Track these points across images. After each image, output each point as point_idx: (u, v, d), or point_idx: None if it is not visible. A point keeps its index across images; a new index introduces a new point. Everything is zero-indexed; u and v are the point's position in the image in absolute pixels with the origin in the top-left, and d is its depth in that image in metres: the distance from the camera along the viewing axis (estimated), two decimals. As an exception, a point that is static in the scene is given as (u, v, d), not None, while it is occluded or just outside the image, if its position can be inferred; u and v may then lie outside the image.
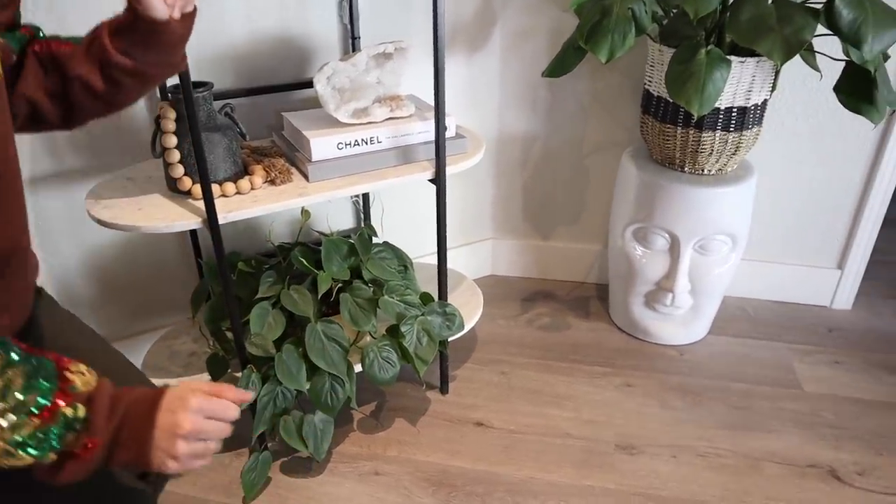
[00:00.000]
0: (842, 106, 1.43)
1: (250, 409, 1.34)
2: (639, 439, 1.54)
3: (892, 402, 1.65)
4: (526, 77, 1.85)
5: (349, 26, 1.55)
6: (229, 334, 1.40)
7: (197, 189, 1.22)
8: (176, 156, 1.20)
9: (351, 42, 1.57)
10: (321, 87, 1.33)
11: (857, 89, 1.39)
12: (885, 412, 1.62)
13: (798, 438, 1.54)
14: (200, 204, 1.18)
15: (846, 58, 1.39)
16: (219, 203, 1.21)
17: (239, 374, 1.33)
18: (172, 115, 1.19)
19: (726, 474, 1.45)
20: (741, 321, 1.97)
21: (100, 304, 1.58)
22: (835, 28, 1.25)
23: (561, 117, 1.89)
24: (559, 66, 1.57)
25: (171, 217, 1.17)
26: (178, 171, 1.21)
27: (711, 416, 1.61)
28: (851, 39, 1.24)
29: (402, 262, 1.56)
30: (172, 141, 1.19)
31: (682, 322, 1.83)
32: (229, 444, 1.51)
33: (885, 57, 1.41)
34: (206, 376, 1.42)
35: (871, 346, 1.86)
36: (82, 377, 0.70)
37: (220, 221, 1.18)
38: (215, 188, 1.23)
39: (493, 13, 1.76)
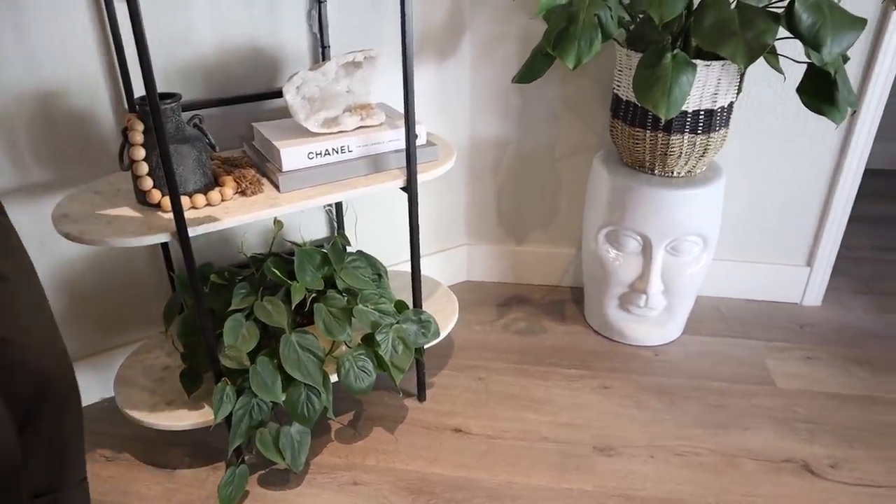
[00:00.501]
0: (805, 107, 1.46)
1: (226, 423, 1.33)
2: (616, 440, 1.55)
3: (863, 395, 1.68)
4: (496, 83, 1.86)
5: (319, 35, 1.55)
6: (203, 347, 1.39)
7: (166, 201, 1.21)
8: (144, 168, 1.19)
9: (321, 51, 1.57)
10: (290, 96, 1.32)
11: (818, 91, 1.42)
12: (856, 405, 1.65)
13: (773, 434, 1.56)
14: (170, 217, 1.18)
15: (808, 60, 1.41)
16: (189, 215, 1.21)
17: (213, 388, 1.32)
18: (140, 126, 1.18)
19: (703, 472, 1.47)
20: (714, 320, 1.99)
21: (71, 319, 1.56)
22: (795, 31, 1.27)
23: (532, 123, 1.91)
24: (528, 73, 1.58)
25: (141, 231, 1.16)
26: (147, 183, 1.20)
27: (687, 416, 1.63)
28: (811, 42, 1.26)
29: (377, 271, 1.56)
30: (140, 153, 1.18)
31: (656, 323, 1.85)
32: (206, 459, 1.50)
33: (845, 59, 1.44)
34: (180, 390, 1.41)
35: (842, 340, 1.89)
36: None
37: (191, 234, 1.17)
38: (185, 200, 1.22)
39: (463, 21, 1.77)
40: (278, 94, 1.52)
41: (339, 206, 1.75)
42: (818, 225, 1.94)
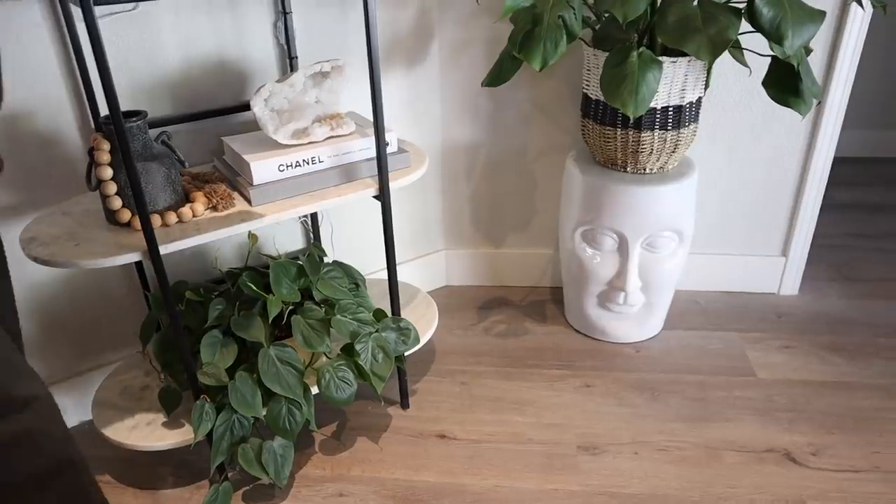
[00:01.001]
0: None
1: (207, 440, 1.32)
2: (600, 439, 1.56)
3: (841, 382, 1.70)
4: (467, 87, 1.86)
5: (286, 46, 1.55)
6: (181, 365, 1.38)
7: (137, 220, 1.19)
8: (112, 188, 1.18)
9: (289, 62, 1.57)
10: (259, 109, 1.32)
11: (783, 83, 1.43)
12: (834, 392, 1.67)
13: (754, 425, 1.58)
14: (140, 236, 1.16)
15: (772, 53, 1.43)
16: (160, 233, 1.19)
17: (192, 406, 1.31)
18: (106, 146, 1.16)
19: (687, 466, 1.47)
20: (693, 314, 2.01)
21: (45, 343, 1.54)
22: (757, 26, 1.29)
23: (504, 125, 1.91)
24: (497, 76, 1.58)
25: (111, 251, 1.15)
26: (116, 203, 1.19)
27: (670, 410, 1.64)
28: (773, 36, 1.28)
29: (354, 280, 1.56)
30: (108, 173, 1.16)
31: (636, 319, 1.86)
32: (189, 477, 1.48)
33: (808, 51, 1.46)
34: (159, 409, 1.39)
35: (819, 328, 1.91)
36: None
37: (162, 252, 1.16)
38: (156, 218, 1.21)
39: (430, 26, 1.77)
40: (247, 107, 1.52)
41: (314, 216, 1.74)
42: (791, 215, 1.97)
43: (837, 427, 1.56)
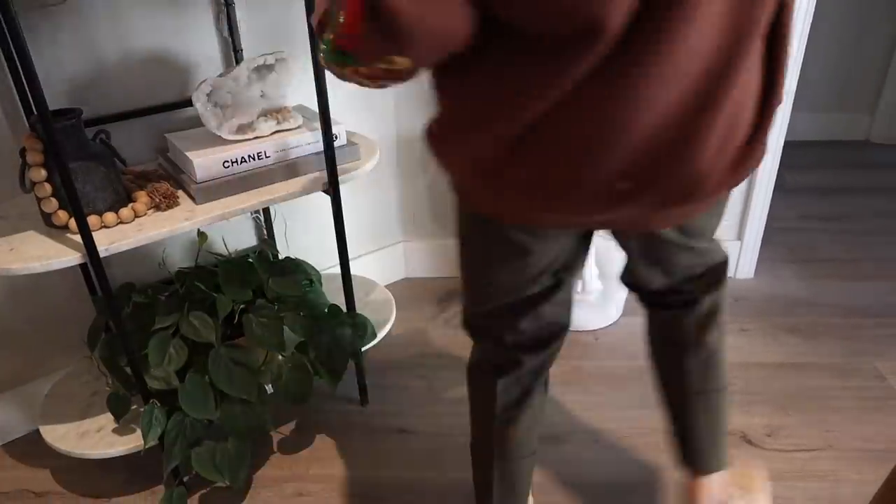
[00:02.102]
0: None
1: (160, 445, 1.29)
2: (561, 428, 1.56)
3: (796, 363, 1.72)
4: (419, 77, 1.83)
5: (230, 39, 1.51)
6: (129, 370, 1.34)
7: (74, 222, 1.15)
8: (47, 189, 1.13)
9: (234, 55, 1.53)
10: (200, 105, 1.28)
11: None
12: (790, 373, 1.69)
13: (712, 408, 1.59)
14: (79, 238, 1.12)
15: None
16: (100, 234, 1.16)
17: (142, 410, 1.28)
18: (39, 146, 1.12)
19: (648, 452, 1.48)
20: (652, 300, 2.01)
21: (-12, 352, 1.49)
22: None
23: (458, 115, 1.89)
24: (448, 65, 1.56)
25: (48, 255, 1.11)
26: (52, 205, 1.15)
27: (630, 397, 1.64)
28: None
29: (308, 276, 1.53)
30: (41, 174, 1.12)
31: (594, 307, 1.86)
32: (143, 483, 1.45)
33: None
34: (109, 416, 1.36)
35: (775, 310, 1.94)
36: None
37: (102, 254, 1.12)
38: (95, 219, 1.17)
39: (380, 16, 1.74)
40: (191, 102, 1.47)
41: (266, 213, 1.71)
42: (745, 199, 1.98)
43: (792, 408, 1.58)
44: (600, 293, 1.81)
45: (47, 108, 0.98)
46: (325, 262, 1.94)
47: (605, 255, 1.72)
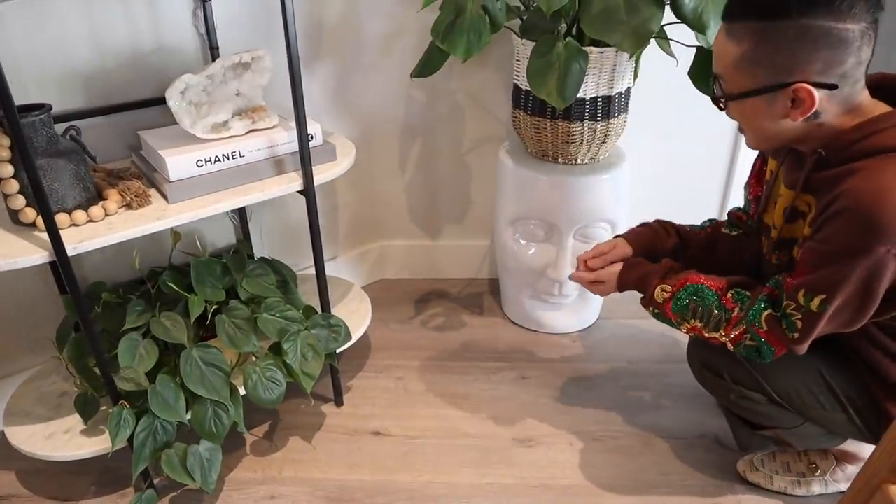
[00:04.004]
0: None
1: (130, 446, 1.27)
2: (536, 431, 1.56)
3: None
4: (397, 78, 1.83)
5: (206, 36, 1.49)
6: (98, 370, 1.32)
7: (42, 220, 1.13)
8: (14, 186, 1.11)
9: (210, 53, 1.51)
10: (174, 102, 1.27)
11: (708, 73, 1.45)
12: (763, 377, 1.70)
13: (686, 411, 1.60)
14: (46, 236, 1.10)
15: (697, 44, 1.44)
16: (69, 233, 1.14)
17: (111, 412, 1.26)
18: (6, 141, 1.10)
19: (621, 455, 1.49)
20: (628, 303, 1.99)
21: (-47, 352, 1.46)
22: (680, 15, 1.29)
23: (437, 116, 1.89)
24: (426, 67, 1.56)
25: (14, 253, 1.09)
26: (19, 202, 1.13)
27: (604, 400, 1.65)
28: (696, 26, 1.28)
29: (282, 277, 1.52)
30: (8, 170, 1.10)
31: (572, 310, 1.86)
32: (113, 486, 1.43)
33: (732, 40, 1.47)
34: (78, 417, 1.33)
35: (749, 315, 1.95)
36: None
37: (70, 253, 1.10)
38: (64, 217, 1.14)
39: (357, 14, 1.73)
40: (164, 100, 1.45)
41: (242, 212, 1.69)
42: (722, 202, 2.00)
43: (765, 411, 1.59)
44: (578, 296, 1.81)
45: (13, 102, 0.96)
46: (300, 262, 1.92)
47: (582, 258, 1.72)
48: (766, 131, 1.03)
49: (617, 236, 1.40)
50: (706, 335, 1.14)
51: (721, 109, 1.07)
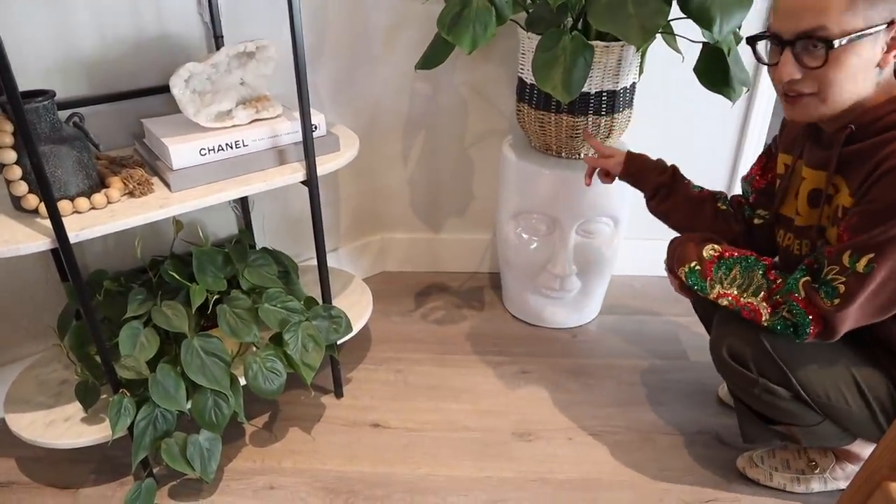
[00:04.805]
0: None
1: (130, 435, 1.27)
2: (535, 425, 1.56)
3: (770, 365, 1.73)
4: (402, 70, 1.82)
5: (210, 25, 1.49)
6: (99, 358, 1.32)
7: (44, 207, 1.13)
8: (17, 172, 1.11)
9: (214, 41, 1.50)
10: (178, 90, 1.26)
11: (713, 70, 1.44)
12: (763, 375, 1.70)
13: (685, 408, 1.60)
14: (48, 223, 1.10)
15: (703, 40, 1.43)
16: (71, 220, 1.13)
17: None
18: (9, 127, 1.09)
19: (620, 451, 1.49)
20: (629, 298, 2.02)
21: (-46, 338, 1.46)
22: (687, 11, 1.29)
23: (441, 109, 1.88)
24: (431, 58, 1.55)
25: (17, 239, 1.08)
26: (22, 188, 1.12)
27: (604, 395, 1.65)
28: (703, 21, 1.27)
29: (284, 268, 1.52)
30: (11, 156, 1.10)
31: (573, 305, 1.86)
32: (112, 474, 1.43)
33: (738, 38, 1.46)
34: (78, 405, 1.33)
35: (750, 312, 1.95)
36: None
37: (73, 240, 1.10)
38: (67, 204, 1.14)
39: (364, 6, 1.73)
40: (168, 88, 1.45)
41: (244, 202, 1.69)
42: (725, 199, 1.99)
43: (765, 408, 1.59)
44: (578, 291, 1.81)
45: (16, 88, 0.96)
46: (302, 253, 1.92)
47: (584, 253, 1.72)
48: (844, 90, 1.00)
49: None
50: (742, 301, 1.13)
51: (814, 68, 1.00)
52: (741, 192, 1.42)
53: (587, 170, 1.51)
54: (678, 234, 1.32)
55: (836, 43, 0.96)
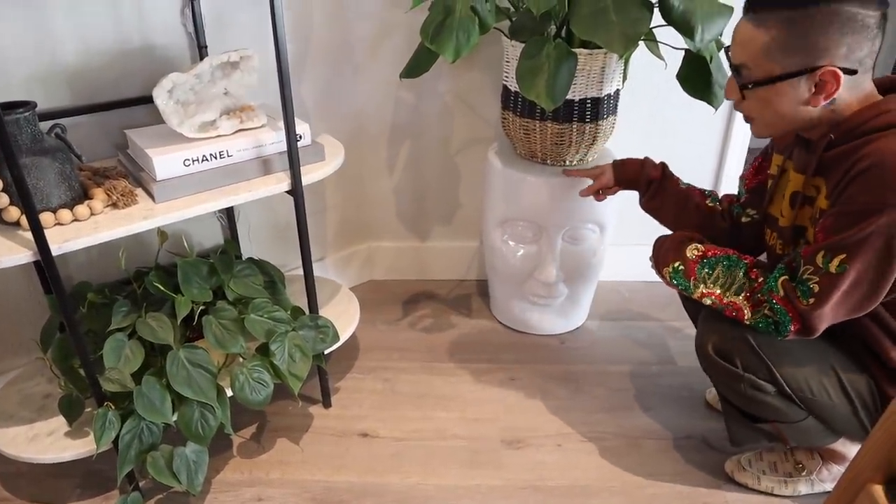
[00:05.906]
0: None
1: (115, 449, 1.26)
2: (524, 432, 1.56)
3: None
4: (386, 78, 1.83)
5: (194, 35, 1.48)
6: (83, 371, 1.31)
7: (26, 219, 1.12)
8: (-2, 184, 1.10)
9: (199, 51, 1.50)
10: (161, 101, 1.26)
11: (696, 77, 1.45)
12: (750, 379, 1.71)
13: (673, 413, 1.60)
14: (30, 235, 1.09)
15: (685, 47, 1.45)
16: (54, 232, 1.12)
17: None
18: (-10, 140, 1.08)
19: (608, 456, 1.49)
20: (616, 304, 2.03)
21: (-65, 352, 1.44)
22: (669, 19, 1.30)
23: (426, 117, 1.89)
24: (415, 67, 1.55)
25: (-2, 252, 1.07)
26: (3, 200, 1.11)
27: (593, 401, 1.65)
28: (684, 29, 1.29)
29: (270, 278, 1.51)
30: (-8, 169, 1.09)
31: (560, 311, 1.86)
32: (98, 488, 1.41)
33: (720, 45, 1.48)
34: (62, 419, 1.32)
35: (736, 316, 1.96)
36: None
37: (55, 253, 1.09)
38: (48, 216, 1.13)
39: (347, 16, 1.73)
40: (152, 98, 1.44)
41: (229, 212, 1.68)
42: (709, 205, 2.00)
43: (752, 412, 1.60)
44: (566, 297, 1.81)
45: (-2, 100, 0.95)
46: (288, 263, 1.92)
47: (570, 260, 1.72)
48: (784, 117, 1.07)
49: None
50: (724, 301, 1.15)
51: (742, 99, 1.10)
52: (736, 191, 1.45)
53: (589, 191, 1.57)
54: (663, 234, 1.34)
55: (751, 83, 1.06)
